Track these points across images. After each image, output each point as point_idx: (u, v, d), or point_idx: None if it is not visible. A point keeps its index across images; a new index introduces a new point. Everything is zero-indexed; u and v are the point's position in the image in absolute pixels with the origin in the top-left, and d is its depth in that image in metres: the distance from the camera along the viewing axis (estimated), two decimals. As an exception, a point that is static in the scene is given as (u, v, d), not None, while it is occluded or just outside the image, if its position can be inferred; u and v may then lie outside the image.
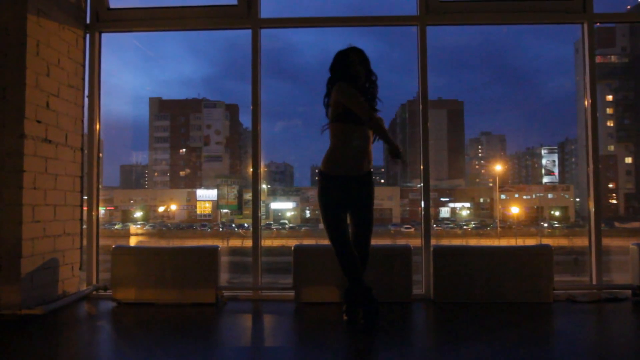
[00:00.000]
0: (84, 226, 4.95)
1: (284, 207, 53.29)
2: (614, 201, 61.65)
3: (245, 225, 43.06)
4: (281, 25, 5.17)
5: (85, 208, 4.97)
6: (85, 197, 4.99)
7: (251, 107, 4.94)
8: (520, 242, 36.70)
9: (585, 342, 3.55)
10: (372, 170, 3.86)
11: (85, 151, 5.00)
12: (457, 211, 54.85)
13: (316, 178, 3.90)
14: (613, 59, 65.90)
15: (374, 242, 3.90)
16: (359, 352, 3.33)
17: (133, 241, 41.81)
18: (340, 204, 3.74)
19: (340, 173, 3.73)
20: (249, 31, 4.97)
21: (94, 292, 4.83)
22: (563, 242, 34.75)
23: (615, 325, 4.06)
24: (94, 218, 5.02)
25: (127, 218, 51.54)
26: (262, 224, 5.02)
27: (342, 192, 3.73)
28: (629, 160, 64.48)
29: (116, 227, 47.24)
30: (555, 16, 5.02)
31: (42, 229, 4.29)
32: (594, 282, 4.74)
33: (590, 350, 3.34)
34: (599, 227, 4.82)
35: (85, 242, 4.95)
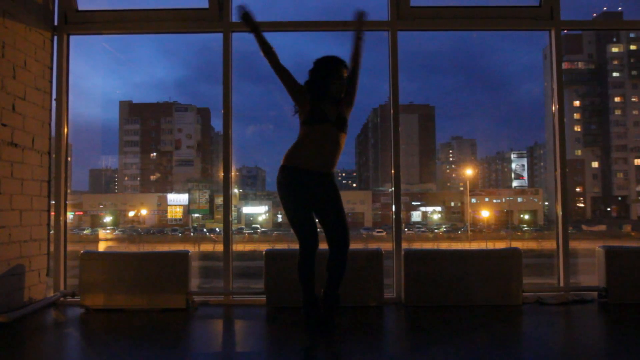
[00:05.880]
0: (52, 231, 4.85)
1: (256, 211, 53.19)
2: (581, 204, 62.94)
3: (217, 229, 42.80)
4: (253, 29, 5.15)
5: (52, 213, 4.88)
6: (53, 202, 4.90)
7: (222, 110, 4.91)
8: (490, 245, 37.19)
9: (554, 344, 3.59)
10: (333, 172, 3.72)
11: (53, 155, 4.91)
12: (428, 215, 55.38)
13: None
14: (580, 65, 67.37)
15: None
16: (330, 356, 3.33)
17: (102, 246, 41.23)
18: (302, 201, 3.59)
19: (299, 166, 3.58)
20: (221, 34, 4.93)
21: (62, 299, 4.74)
22: (532, 245, 35.30)
23: (582, 326, 4.13)
24: (62, 223, 4.92)
25: (96, 223, 50.88)
26: (233, 229, 4.99)
27: (303, 188, 3.58)
28: (595, 164, 65.97)
29: (85, 232, 46.61)
30: (523, 23, 5.10)
31: (7, 234, 4.20)
32: (562, 285, 4.81)
33: (559, 352, 3.40)
34: (566, 230, 4.90)
35: (52, 248, 4.85)
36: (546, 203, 55.35)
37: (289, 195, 3.62)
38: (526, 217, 54.12)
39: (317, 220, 3.71)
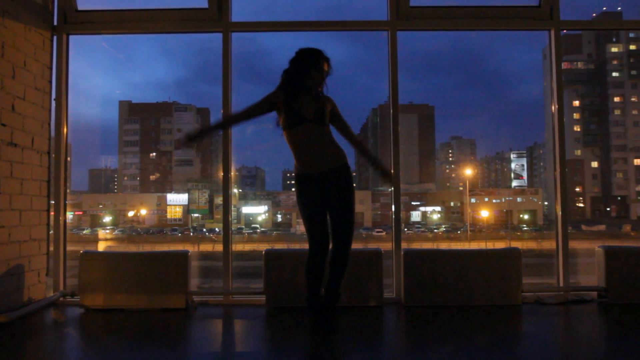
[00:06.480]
0: (51, 231, 4.85)
1: (256, 211, 53.19)
2: (581, 204, 62.97)
3: (216, 229, 42.80)
4: (252, 29, 5.15)
5: (52, 213, 4.88)
6: (53, 202, 4.89)
7: (222, 110, 4.90)
8: (490, 245, 37.20)
9: (553, 343, 3.60)
10: (344, 164, 3.71)
11: (53, 155, 4.91)
12: (428, 215, 55.36)
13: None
14: (579, 65, 67.37)
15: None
16: (330, 356, 3.33)
17: (102, 246, 41.20)
18: (310, 204, 3.62)
19: (301, 172, 3.66)
20: (221, 34, 4.93)
21: (61, 299, 4.73)
22: (531, 245, 35.30)
23: (582, 326, 4.13)
24: (61, 223, 4.92)
25: (95, 223, 50.85)
26: (233, 229, 4.98)
27: (309, 190, 3.64)
28: (595, 164, 66.00)
29: (84, 232, 46.60)
30: (523, 23, 5.10)
31: (7, 234, 4.20)
32: (561, 285, 4.81)
33: (558, 352, 3.40)
34: (566, 230, 4.90)
35: (52, 248, 4.85)
36: (546, 203, 55.35)
37: (299, 198, 3.71)
38: (526, 217, 54.12)
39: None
